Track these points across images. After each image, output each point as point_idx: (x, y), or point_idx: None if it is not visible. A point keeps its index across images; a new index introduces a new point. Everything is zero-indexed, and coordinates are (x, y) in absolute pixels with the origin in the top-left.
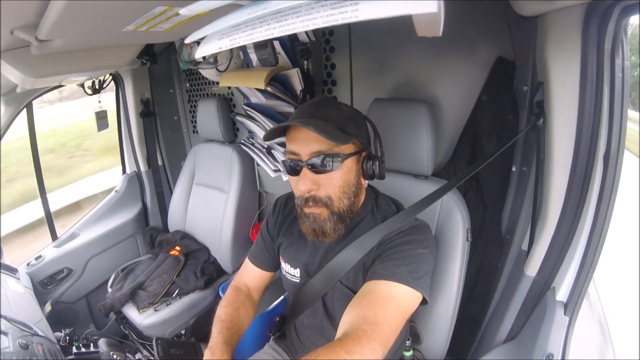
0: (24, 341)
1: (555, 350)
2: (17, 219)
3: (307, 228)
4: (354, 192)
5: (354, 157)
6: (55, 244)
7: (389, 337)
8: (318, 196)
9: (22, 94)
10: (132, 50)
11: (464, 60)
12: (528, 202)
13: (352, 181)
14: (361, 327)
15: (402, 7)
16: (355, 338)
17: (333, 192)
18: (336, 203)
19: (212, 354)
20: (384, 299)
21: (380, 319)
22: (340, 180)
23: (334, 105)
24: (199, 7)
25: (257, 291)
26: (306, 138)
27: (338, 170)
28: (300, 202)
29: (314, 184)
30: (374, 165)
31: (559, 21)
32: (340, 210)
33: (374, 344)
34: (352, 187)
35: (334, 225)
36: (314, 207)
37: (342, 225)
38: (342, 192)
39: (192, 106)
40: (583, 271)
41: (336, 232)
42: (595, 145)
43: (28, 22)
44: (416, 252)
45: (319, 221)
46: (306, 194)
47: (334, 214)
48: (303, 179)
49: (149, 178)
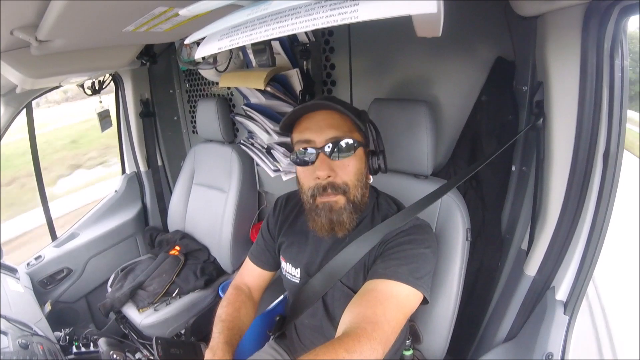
0: (24, 341)
1: (555, 349)
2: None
3: (321, 221)
4: (364, 184)
5: (364, 148)
6: (55, 244)
7: (389, 336)
8: (336, 183)
9: (22, 94)
10: (132, 51)
11: (464, 60)
12: (528, 201)
13: (363, 171)
14: (361, 325)
15: (401, 8)
16: (354, 337)
17: (349, 178)
18: (352, 190)
19: (213, 354)
20: (384, 298)
21: (380, 318)
22: (355, 168)
23: (338, 100)
24: (198, 7)
25: (258, 291)
26: (320, 125)
27: (353, 157)
28: (317, 192)
29: (332, 170)
30: (379, 159)
31: (558, 21)
32: (355, 199)
33: (373, 342)
34: (364, 177)
35: (350, 214)
36: (332, 195)
37: (356, 216)
38: (357, 179)
39: (192, 106)
40: (583, 270)
41: (351, 223)
42: (595, 145)
43: (28, 22)
44: (418, 252)
45: (336, 209)
46: (324, 180)
47: (350, 202)
48: (321, 165)
49: (148, 178)
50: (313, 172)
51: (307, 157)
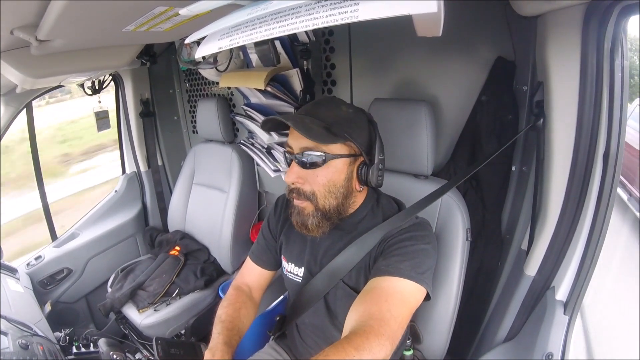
0: (24, 341)
1: (555, 349)
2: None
3: (294, 220)
4: (342, 194)
5: (345, 160)
6: (55, 244)
7: (397, 331)
8: (302, 189)
9: (22, 94)
10: (132, 51)
11: (464, 60)
12: (528, 201)
13: (340, 182)
14: (368, 323)
15: (402, 7)
16: (362, 334)
17: (317, 188)
18: (320, 200)
19: (213, 355)
20: (388, 295)
21: (386, 314)
22: (325, 179)
23: (334, 104)
24: (199, 7)
25: (259, 290)
26: (297, 134)
27: (323, 169)
28: (287, 192)
29: (299, 178)
30: (368, 172)
31: (558, 21)
32: (325, 208)
33: (382, 339)
34: (341, 188)
35: (318, 221)
36: (297, 200)
37: (327, 223)
38: (327, 190)
39: (192, 106)
40: (583, 270)
41: (320, 229)
42: (595, 145)
43: (28, 22)
44: (418, 248)
45: (303, 215)
46: (291, 185)
47: (318, 210)
48: (289, 171)
49: (148, 178)
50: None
51: (288, 160)
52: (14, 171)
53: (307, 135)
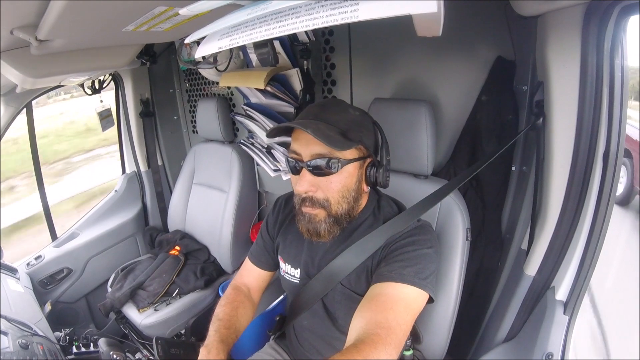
0: (24, 341)
1: (555, 349)
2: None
3: (302, 227)
4: (353, 197)
5: (356, 163)
6: (55, 244)
7: (402, 339)
8: (316, 197)
9: (22, 94)
10: (132, 50)
11: (464, 60)
12: (528, 201)
13: (352, 186)
14: (375, 332)
15: (402, 7)
16: (370, 343)
17: (331, 195)
18: (334, 206)
19: (208, 353)
20: (393, 302)
21: (392, 323)
22: (339, 185)
23: (341, 107)
24: (198, 7)
25: (257, 291)
26: (307, 139)
27: (337, 175)
28: (298, 201)
29: (312, 186)
30: (377, 173)
31: (558, 21)
32: (337, 213)
33: (388, 348)
34: (352, 192)
35: (329, 227)
36: (310, 208)
37: (337, 227)
38: (341, 196)
39: (192, 106)
40: (583, 270)
41: (331, 234)
42: (595, 145)
43: (28, 22)
44: (421, 253)
45: (314, 222)
46: (303, 194)
47: (331, 216)
48: (301, 180)
49: (148, 178)
50: (297, 182)
51: (295, 167)
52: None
53: (327, 142)
